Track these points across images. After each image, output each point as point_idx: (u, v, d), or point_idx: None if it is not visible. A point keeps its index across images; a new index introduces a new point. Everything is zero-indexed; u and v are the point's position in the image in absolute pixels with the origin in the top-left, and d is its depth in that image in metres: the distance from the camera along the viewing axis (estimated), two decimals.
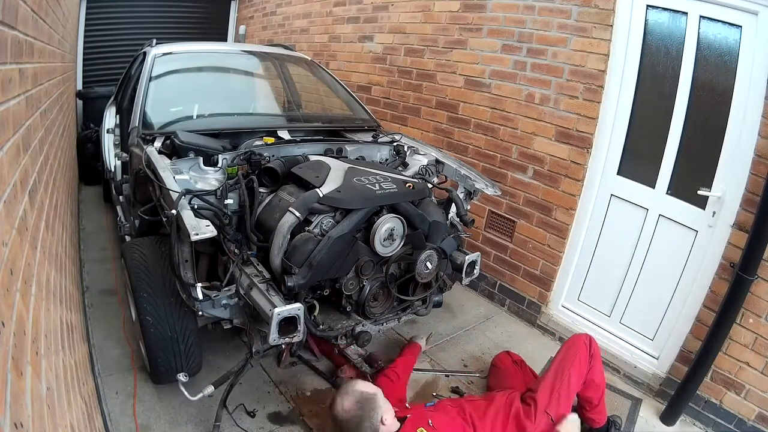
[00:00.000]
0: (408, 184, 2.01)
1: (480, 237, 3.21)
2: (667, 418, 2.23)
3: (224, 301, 1.76)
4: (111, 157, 3.19)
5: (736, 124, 2.07)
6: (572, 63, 2.60)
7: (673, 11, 2.26)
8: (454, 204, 2.34)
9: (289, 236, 1.77)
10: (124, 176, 2.65)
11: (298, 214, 1.77)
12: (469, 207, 2.49)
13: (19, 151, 0.99)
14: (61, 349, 1.25)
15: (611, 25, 2.42)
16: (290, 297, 1.69)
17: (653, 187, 2.41)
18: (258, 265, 1.76)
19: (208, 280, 1.81)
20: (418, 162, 2.52)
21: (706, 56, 2.19)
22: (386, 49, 3.76)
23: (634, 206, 2.50)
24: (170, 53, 2.80)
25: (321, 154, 2.27)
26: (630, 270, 2.54)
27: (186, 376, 1.80)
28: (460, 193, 2.43)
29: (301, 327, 1.59)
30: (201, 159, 1.97)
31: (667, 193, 2.37)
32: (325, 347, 2.38)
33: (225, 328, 1.92)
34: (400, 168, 2.50)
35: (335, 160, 2.17)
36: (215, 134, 2.25)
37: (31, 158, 1.17)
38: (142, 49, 3.02)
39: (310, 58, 3.54)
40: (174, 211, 1.61)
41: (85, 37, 5.31)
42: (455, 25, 3.20)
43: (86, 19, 5.27)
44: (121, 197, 2.73)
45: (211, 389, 1.82)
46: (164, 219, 1.80)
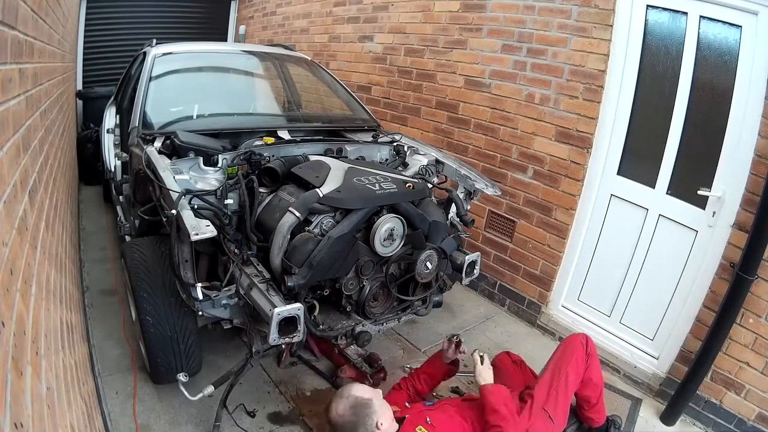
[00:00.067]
0: (408, 184, 2.01)
1: (480, 237, 3.21)
2: (667, 418, 2.23)
3: (224, 301, 1.76)
4: (111, 157, 3.19)
5: (736, 124, 2.08)
6: (572, 63, 2.60)
7: (673, 11, 2.26)
8: (454, 204, 2.33)
9: (289, 236, 1.77)
10: (124, 176, 2.65)
11: (298, 214, 1.76)
12: (469, 207, 2.49)
13: (19, 151, 0.99)
14: (61, 349, 1.25)
15: (611, 25, 2.43)
16: (290, 297, 1.68)
17: (653, 187, 2.41)
18: (258, 265, 1.76)
19: (208, 280, 1.81)
20: (418, 162, 2.52)
21: (706, 56, 2.19)
22: (386, 49, 3.76)
23: (634, 206, 2.50)
24: (170, 53, 2.80)
25: (321, 154, 2.27)
26: (630, 270, 2.54)
27: (186, 376, 1.80)
28: (460, 193, 2.43)
29: (301, 327, 1.59)
30: (201, 159, 1.97)
31: (667, 193, 2.37)
32: (325, 347, 2.38)
33: (225, 328, 1.92)
34: (400, 168, 2.49)
35: (335, 160, 2.17)
36: (215, 134, 2.25)
37: (31, 158, 1.17)
38: (142, 49, 3.02)
39: (310, 58, 3.53)
40: (174, 211, 1.61)
41: (85, 37, 5.31)
42: (455, 25, 3.20)
43: (86, 19, 5.27)
44: (121, 197, 2.73)
45: (211, 389, 1.82)
46: (164, 219, 1.80)
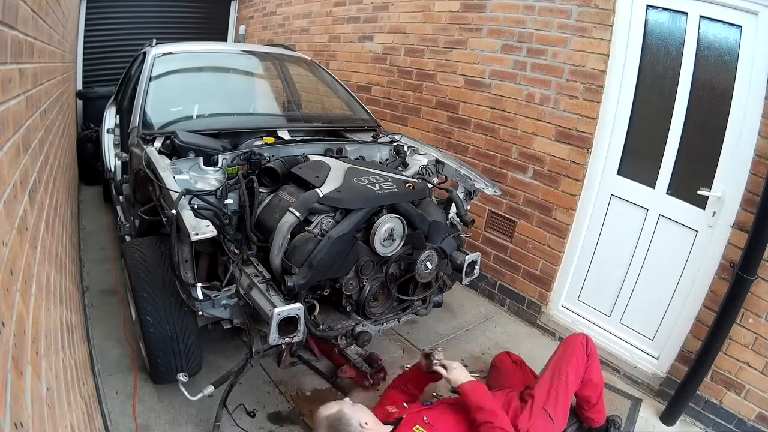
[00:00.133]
0: (408, 184, 2.01)
1: (480, 237, 3.21)
2: (667, 418, 2.23)
3: (224, 301, 1.76)
4: (111, 157, 3.19)
5: (736, 124, 2.07)
6: (572, 63, 2.60)
7: (673, 11, 2.26)
8: (454, 204, 2.33)
9: (289, 236, 1.77)
10: (124, 176, 2.65)
11: (298, 214, 1.76)
12: (469, 207, 2.49)
13: (19, 151, 0.99)
14: (61, 349, 1.25)
15: (611, 25, 2.42)
16: (290, 297, 1.68)
17: (653, 187, 2.41)
18: (258, 265, 1.76)
19: (208, 280, 1.80)
20: (418, 162, 2.52)
21: (706, 56, 2.19)
22: (386, 49, 3.76)
23: (634, 206, 2.50)
24: (170, 53, 2.80)
25: (321, 154, 2.27)
26: (630, 270, 2.54)
27: (186, 376, 1.80)
28: (460, 193, 2.43)
29: (301, 327, 1.59)
30: (201, 159, 1.97)
31: (667, 193, 2.37)
32: (325, 347, 2.38)
33: (225, 328, 1.92)
34: (400, 168, 2.49)
35: (335, 160, 2.17)
36: (215, 134, 2.25)
37: (31, 158, 1.17)
38: (142, 49, 3.02)
39: (310, 58, 3.53)
40: (174, 211, 1.61)
41: (85, 37, 5.31)
42: (455, 25, 3.20)
43: (86, 19, 5.27)
44: (121, 197, 2.73)
45: (211, 389, 1.82)
46: (164, 219, 1.80)
